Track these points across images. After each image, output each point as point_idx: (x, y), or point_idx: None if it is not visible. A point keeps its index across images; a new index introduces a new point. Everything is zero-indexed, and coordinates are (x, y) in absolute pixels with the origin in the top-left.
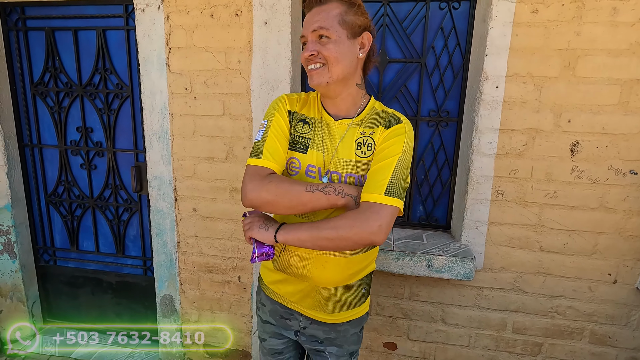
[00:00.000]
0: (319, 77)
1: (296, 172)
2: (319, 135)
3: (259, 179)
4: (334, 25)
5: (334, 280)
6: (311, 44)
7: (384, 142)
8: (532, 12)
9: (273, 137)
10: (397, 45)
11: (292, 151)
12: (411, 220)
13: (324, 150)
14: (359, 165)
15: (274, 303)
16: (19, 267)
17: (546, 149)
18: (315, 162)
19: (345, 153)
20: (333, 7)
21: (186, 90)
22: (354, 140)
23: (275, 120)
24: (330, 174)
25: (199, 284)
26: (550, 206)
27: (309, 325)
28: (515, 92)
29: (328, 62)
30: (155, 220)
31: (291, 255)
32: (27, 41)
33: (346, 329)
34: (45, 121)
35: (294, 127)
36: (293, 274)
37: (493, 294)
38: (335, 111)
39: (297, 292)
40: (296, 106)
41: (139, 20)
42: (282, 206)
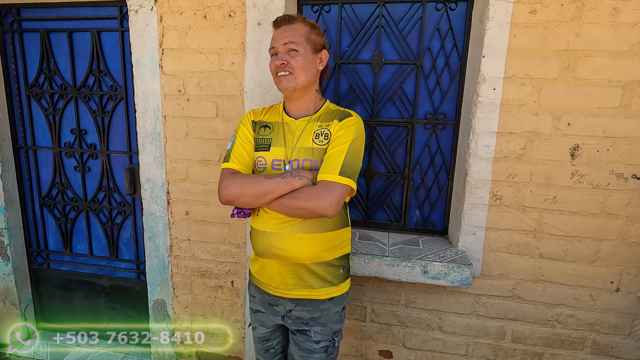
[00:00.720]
0: (287, 83)
1: (263, 167)
2: (280, 134)
3: (227, 177)
4: (301, 42)
5: (309, 256)
6: (282, 55)
7: (337, 132)
8: (530, 13)
9: (239, 145)
10: (392, 47)
11: (257, 152)
12: (407, 225)
13: (285, 145)
14: (315, 152)
15: (262, 292)
16: (11, 270)
17: (545, 152)
18: (278, 156)
19: (304, 143)
20: (300, 27)
21: (179, 92)
22: (312, 132)
23: (240, 131)
24: (291, 162)
25: (192, 289)
26: (550, 211)
27: (293, 307)
28: (513, 94)
29: (295, 71)
30: (148, 223)
31: (266, 238)
32: (22, 43)
33: (329, 307)
34: (39, 123)
35: (258, 132)
36: (270, 255)
37: (491, 301)
38: (296, 112)
39: (277, 275)
40: (259, 116)
41: (132, 21)
42: (248, 195)
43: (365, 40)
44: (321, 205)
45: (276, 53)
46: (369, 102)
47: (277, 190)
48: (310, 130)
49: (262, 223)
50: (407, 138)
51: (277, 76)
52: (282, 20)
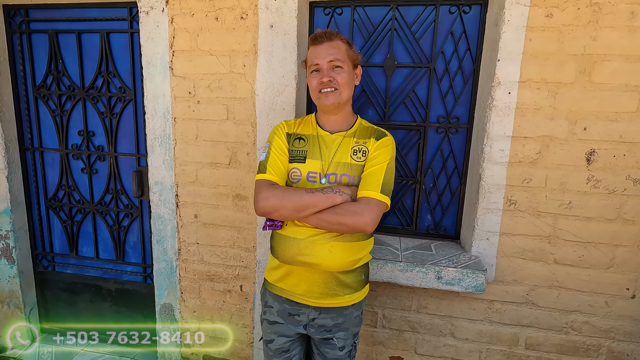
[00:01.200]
0: (333, 98)
1: (297, 179)
2: (316, 147)
3: (266, 188)
4: (345, 59)
5: (339, 264)
6: (327, 71)
7: (375, 151)
8: (547, 16)
9: (274, 156)
10: (405, 50)
11: (292, 163)
12: (419, 230)
13: (321, 158)
14: (353, 167)
15: (282, 302)
16: (16, 273)
17: (561, 157)
18: (314, 169)
19: (341, 158)
20: (340, 44)
21: (189, 94)
22: (349, 148)
23: (275, 142)
24: (328, 176)
25: (200, 293)
26: (565, 217)
27: (317, 315)
28: (528, 99)
29: (340, 87)
30: (156, 226)
31: (296, 245)
32: (31, 44)
33: (351, 312)
34: (46, 124)
35: (292, 144)
36: (298, 262)
37: (505, 307)
38: (331, 127)
39: (304, 283)
40: (293, 128)
41: (142, 23)
42: (288, 208)
43: (377, 43)
44: (362, 221)
45: (318, 69)
46: (380, 106)
47: (318, 205)
48: (347, 146)
49: (292, 229)
50: (419, 142)
51: (321, 92)
52: (322, 37)
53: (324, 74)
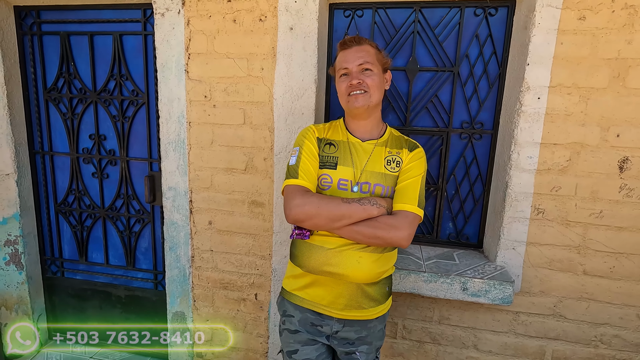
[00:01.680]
0: (363, 100)
1: (328, 186)
2: (347, 153)
3: (300, 195)
4: (374, 62)
5: (366, 276)
6: (356, 74)
7: (409, 162)
8: (579, 19)
9: (305, 161)
10: (428, 53)
11: (322, 169)
12: (440, 238)
13: (353, 165)
14: (387, 178)
15: (303, 311)
16: (25, 279)
17: (592, 165)
18: (345, 176)
19: (374, 167)
20: (369, 48)
21: (205, 98)
22: (382, 157)
23: (306, 146)
24: (360, 184)
25: (213, 301)
26: (595, 226)
27: (341, 328)
28: (559, 104)
29: (370, 89)
30: (169, 233)
31: (322, 254)
32: (42, 46)
33: (375, 325)
34: (57, 128)
35: (322, 150)
36: (323, 272)
37: (531, 319)
38: (361, 134)
39: (328, 294)
40: (323, 133)
41: (158, 25)
42: (323, 217)
43: (399, 46)
44: (400, 236)
45: (347, 73)
46: (402, 110)
47: (354, 216)
48: (380, 155)
49: (319, 238)
50: (441, 148)
51: (351, 95)
52: (351, 42)
53: (353, 76)
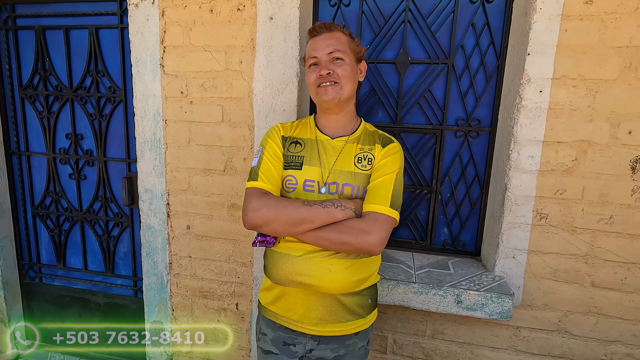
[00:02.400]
0: (333, 93)
1: (293, 188)
2: (314, 152)
3: (257, 198)
4: (346, 50)
5: (340, 285)
6: (326, 64)
7: (382, 159)
8: (585, 3)
9: (267, 162)
10: (420, 44)
11: (287, 170)
12: (434, 245)
13: (320, 165)
14: (357, 177)
15: (276, 329)
16: (1, 285)
17: (601, 165)
18: (312, 177)
19: (343, 165)
20: (341, 35)
21: (182, 94)
22: (352, 155)
23: (269, 146)
24: (328, 185)
25: (192, 311)
26: (605, 233)
27: (315, 346)
28: (563, 98)
29: (341, 81)
30: (146, 237)
31: (290, 263)
32: (17, 41)
33: (355, 342)
34: (33, 127)
35: (287, 149)
36: (293, 283)
37: (533, 335)
38: (331, 131)
39: (299, 307)
40: (289, 132)
41: (132, 16)
42: (282, 222)
43: (389, 37)
44: (370, 241)
45: (317, 63)
46: (392, 106)
47: (316, 220)
48: (350, 152)
49: (285, 245)
50: (435, 147)
51: (320, 87)
52: (321, 28)
53: (322, 66)
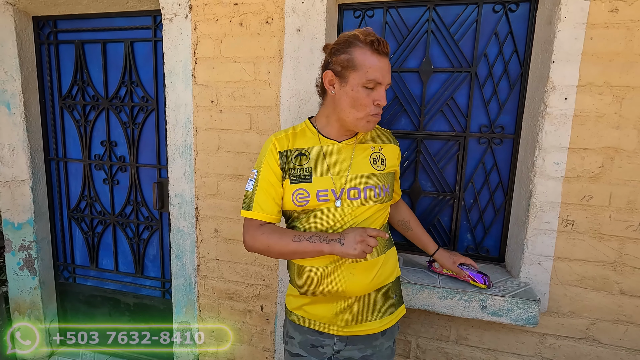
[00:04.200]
0: (374, 124)
1: (305, 201)
2: (321, 161)
3: (252, 230)
4: None
5: (364, 287)
6: (384, 94)
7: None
8: (611, 12)
9: (262, 189)
10: (443, 53)
11: (296, 184)
12: (457, 250)
13: (331, 172)
14: (376, 177)
15: (303, 332)
16: (38, 284)
17: (628, 171)
18: (324, 186)
19: (361, 168)
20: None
21: (212, 103)
22: (367, 156)
23: (263, 171)
24: (347, 191)
25: (219, 312)
26: (633, 240)
27: (343, 347)
28: (589, 105)
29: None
30: (175, 240)
31: (314, 275)
32: (58, 54)
33: (381, 342)
34: (71, 135)
35: (292, 162)
36: (319, 292)
37: (560, 342)
38: (336, 134)
39: (328, 312)
40: (287, 144)
41: (166, 30)
42: (275, 254)
43: (412, 47)
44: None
45: (374, 88)
46: (415, 114)
47: (306, 254)
48: (362, 154)
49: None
50: (458, 153)
51: (373, 114)
52: (385, 50)
53: (382, 94)
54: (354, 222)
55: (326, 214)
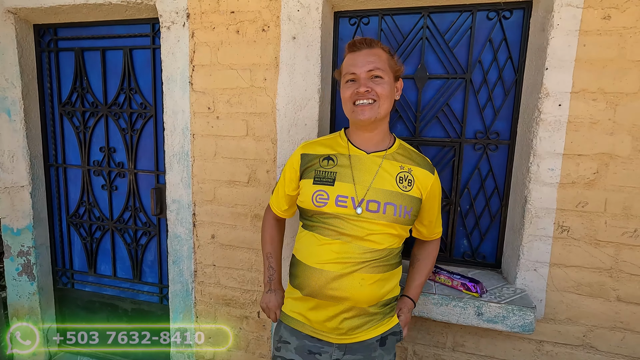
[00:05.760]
0: (370, 112)
1: (324, 202)
2: (347, 168)
3: (267, 215)
4: (385, 68)
5: (370, 298)
6: (365, 81)
7: (435, 188)
8: (604, 19)
9: (278, 188)
10: (438, 60)
11: (318, 185)
12: (453, 256)
13: (354, 181)
14: (400, 197)
15: (301, 338)
16: (36, 290)
17: (623, 178)
18: (345, 193)
19: (384, 184)
20: (381, 52)
21: (209, 110)
22: (394, 174)
23: (284, 172)
24: (367, 202)
25: (216, 318)
26: (629, 247)
27: (342, 356)
28: (583, 111)
29: (380, 99)
30: (173, 246)
31: (324, 278)
32: (58, 62)
33: (380, 354)
34: (70, 141)
35: (319, 164)
36: (325, 296)
37: (556, 350)
38: (366, 146)
39: (331, 319)
40: (312, 149)
41: (164, 38)
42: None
43: (407, 53)
44: None
45: (355, 79)
46: (410, 120)
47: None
48: (390, 170)
49: (317, 257)
50: (453, 159)
51: (357, 105)
52: (361, 44)
53: (361, 83)
54: (367, 236)
55: (341, 222)
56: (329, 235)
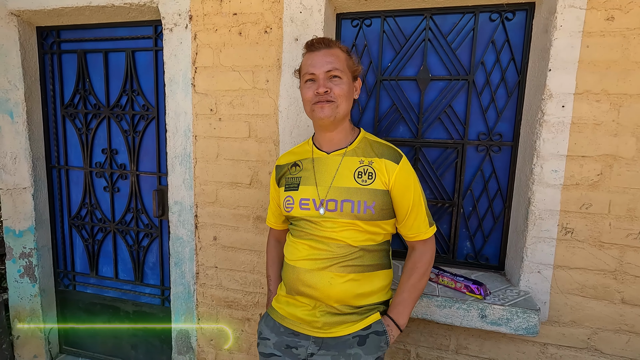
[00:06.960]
0: (329, 111)
1: (291, 207)
2: (310, 171)
3: (270, 233)
4: (344, 69)
5: (340, 297)
6: (323, 82)
7: (404, 179)
8: (607, 20)
9: (270, 205)
10: (440, 62)
11: (287, 192)
12: (457, 259)
13: (317, 183)
14: (358, 192)
15: (280, 334)
16: (38, 292)
17: (628, 179)
18: (307, 195)
19: (343, 181)
20: (339, 52)
21: (211, 112)
22: (352, 169)
23: (270, 189)
24: (326, 202)
25: (217, 320)
26: (634, 249)
27: (317, 351)
28: (586, 113)
29: (338, 100)
30: (175, 248)
31: (296, 275)
32: (60, 63)
33: (357, 353)
34: (72, 143)
35: (289, 172)
36: (298, 292)
37: (561, 352)
38: (328, 147)
39: (305, 313)
40: (286, 159)
41: (166, 40)
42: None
43: (409, 55)
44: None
45: (314, 79)
46: (413, 122)
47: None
48: (349, 166)
49: (293, 255)
50: (456, 161)
51: (316, 104)
52: (319, 44)
53: (320, 84)
54: (332, 235)
55: (308, 224)
56: (300, 236)
